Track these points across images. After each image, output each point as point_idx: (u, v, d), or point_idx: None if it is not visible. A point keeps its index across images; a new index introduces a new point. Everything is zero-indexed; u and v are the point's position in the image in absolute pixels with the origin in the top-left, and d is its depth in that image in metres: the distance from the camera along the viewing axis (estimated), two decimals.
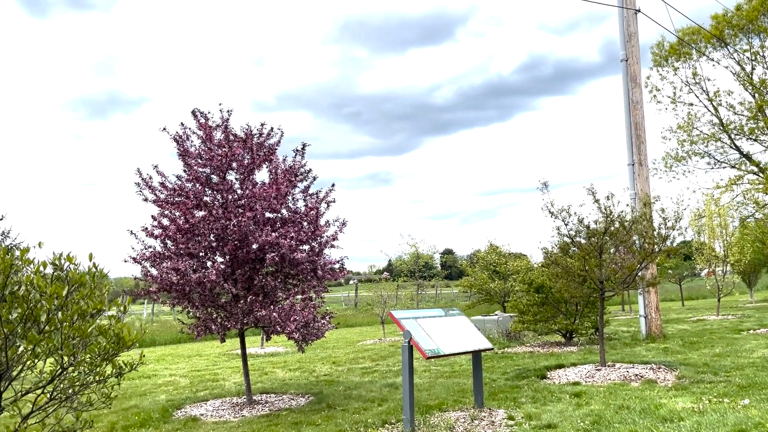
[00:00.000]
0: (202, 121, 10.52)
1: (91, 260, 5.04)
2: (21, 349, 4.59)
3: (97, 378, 4.83)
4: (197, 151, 10.45)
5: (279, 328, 9.62)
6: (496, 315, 20.09)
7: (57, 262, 4.73)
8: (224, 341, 10.63)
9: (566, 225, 11.48)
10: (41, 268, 4.64)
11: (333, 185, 11.05)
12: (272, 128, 10.88)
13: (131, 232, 10.18)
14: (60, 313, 4.51)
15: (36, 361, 4.53)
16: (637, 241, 11.40)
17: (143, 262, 10.08)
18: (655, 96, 35.37)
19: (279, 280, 10.22)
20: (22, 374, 4.59)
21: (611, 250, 11.52)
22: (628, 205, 12.06)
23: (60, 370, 4.60)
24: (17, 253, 4.46)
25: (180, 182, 10.38)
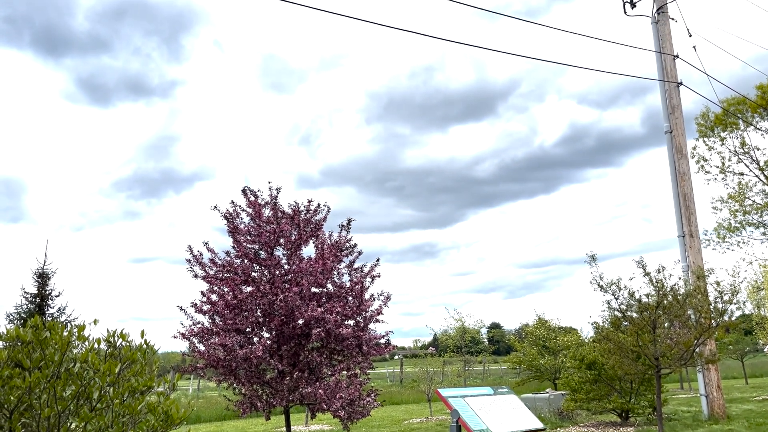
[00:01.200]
0: (252, 198, 10.85)
1: (142, 337, 5.15)
2: (73, 426, 4.66)
3: None
4: (246, 228, 10.73)
5: (324, 406, 9.51)
6: (547, 393, 19.38)
7: (111, 339, 4.86)
8: (269, 419, 10.54)
9: (617, 299, 11.18)
10: (96, 345, 4.77)
11: (378, 260, 11.14)
12: (319, 204, 11.14)
13: (181, 308, 10.38)
14: (111, 390, 4.60)
15: None
16: (692, 316, 10.99)
17: (192, 337, 10.22)
18: (702, 166, 34.82)
19: (324, 356, 10.18)
20: None
21: (665, 325, 11.12)
22: (680, 278, 11.72)
23: None
24: (74, 330, 4.61)
25: (229, 258, 10.63)
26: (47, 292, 16.59)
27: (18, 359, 4.41)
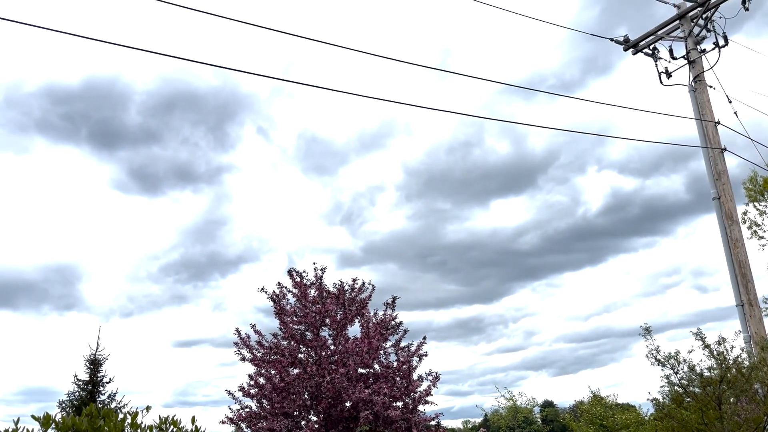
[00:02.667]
0: (298, 279, 10.96)
1: (193, 423, 5.16)
2: None
3: None
4: (293, 309, 10.79)
5: None
6: None
7: (162, 427, 4.88)
8: None
9: (676, 373, 10.68)
10: None
11: (424, 338, 11.00)
12: (363, 283, 11.18)
13: (229, 392, 10.35)
14: None
15: None
16: (759, 390, 10.39)
17: (240, 422, 10.12)
18: (755, 232, 33.74)
19: None
20: None
21: (731, 400, 10.52)
22: (743, 349, 11.18)
23: None
24: (127, 417, 4.65)
25: (276, 340, 10.64)
26: (99, 379, 16.79)
27: None
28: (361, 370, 10.36)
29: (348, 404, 9.81)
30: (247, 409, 10.22)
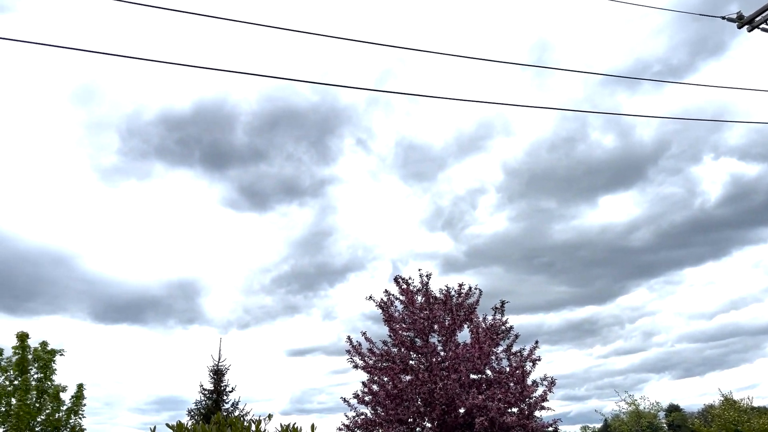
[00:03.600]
0: (404, 286, 11.02)
1: (312, 430, 5.30)
2: None
3: None
4: (401, 316, 10.86)
5: None
6: None
7: None
8: None
9: None
10: None
11: (536, 342, 10.72)
12: (470, 287, 11.07)
13: (344, 400, 10.57)
14: None
15: None
16: None
17: (356, 429, 10.29)
18: None
19: None
20: None
21: None
22: None
23: None
24: (252, 425, 4.86)
25: (386, 347, 10.75)
26: (222, 388, 17.65)
27: None
28: (473, 376, 10.25)
29: (462, 411, 9.73)
30: (363, 416, 10.38)
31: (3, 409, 15.10)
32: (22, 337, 15.96)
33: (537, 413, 10.14)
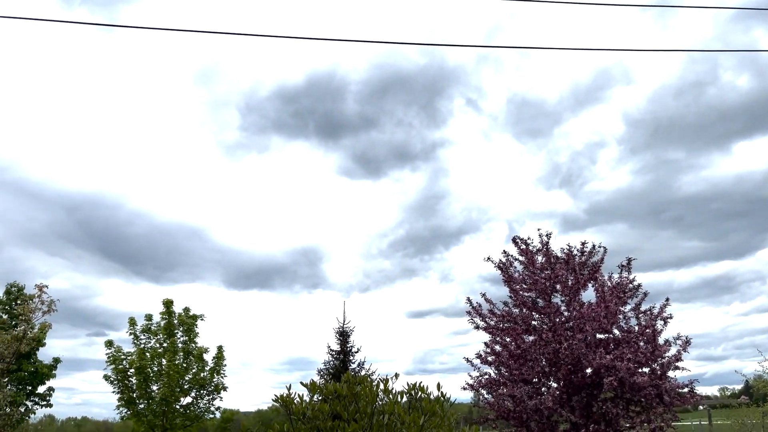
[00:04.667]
0: (523, 247, 10.84)
1: (439, 389, 5.42)
2: None
3: None
4: (521, 277, 10.71)
5: None
6: None
7: (411, 392, 5.20)
8: None
9: None
10: (398, 398, 5.14)
11: (667, 299, 10.21)
12: (594, 246, 10.69)
13: (467, 360, 10.66)
14: None
15: None
16: None
17: (480, 389, 10.38)
18: None
19: (621, 407, 9.50)
20: None
21: None
22: None
23: None
24: (380, 384, 5.04)
25: (507, 308, 10.68)
26: (348, 349, 18.39)
27: (337, 411, 4.97)
28: (599, 336, 9.97)
29: (589, 371, 9.51)
30: (486, 376, 10.43)
31: (156, 369, 16.67)
32: (168, 303, 17.44)
33: (670, 374, 9.71)
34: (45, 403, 18.56)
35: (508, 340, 10.30)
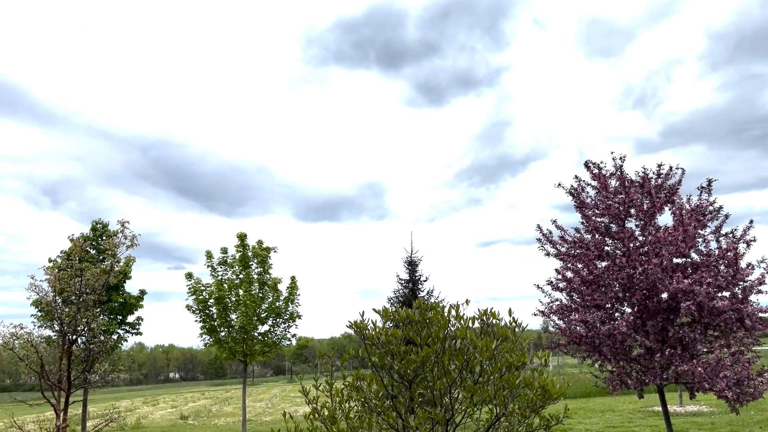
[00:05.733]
0: (596, 171, 10.48)
1: (510, 315, 5.40)
2: (459, 396, 5.13)
3: (526, 429, 5.05)
4: (593, 202, 10.42)
5: (707, 385, 8.68)
6: None
7: (483, 318, 5.21)
8: (642, 397, 10.06)
9: None
10: (470, 324, 5.16)
11: (751, 222, 9.71)
12: (670, 167, 10.21)
13: (538, 286, 10.59)
14: (490, 364, 4.92)
15: (474, 409, 4.99)
16: None
17: (551, 315, 10.35)
18: None
19: (698, 332, 9.27)
20: (464, 421, 5.10)
21: None
22: None
23: (494, 419, 4.96)
24: (452, 310, 5.06)
25: (579, 234, 10.46)
26: (417, 278, 18.65)
27: (410, 337, 5.04)
28: (676, 260, 9.65)
29: (665, 295, 9.28)
30: (557, 302, 10.36)
31: (234, 299, 17.45)
32: (242, 236, 18.05)
33: (753, 298, 9.35)
34: (135, 331, 19.88)
35: (579, 266, 10.13)
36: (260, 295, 17.62)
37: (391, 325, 5.32)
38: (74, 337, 9.69)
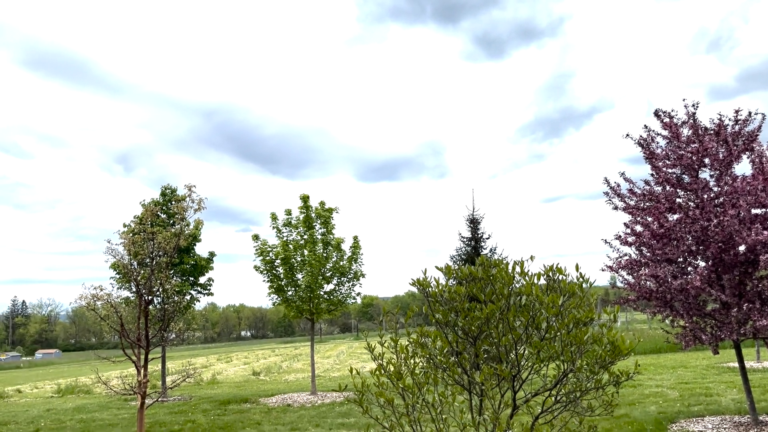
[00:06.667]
0: (667, 120, 9.99)
1: (577, 270, 5.26)
2: (525, 353, 5.08)
3: (595, 385, 4.97)
4: (664, 152, 9.97)
5: None
6: None
7: (549, 274, 5.10)
8: (717, 353, 9.74)
9: None
10: (534, 280, 5.06)
11: None
12: (749, 113, 9.62)
13: (605, 241, 10.31)
14: (556, 321, 4.83)
15: (541, 365, 4.93)
16: None
17: (619, 270, 10.07)
18: None
19: None
20: (530, 377, 5.06)
21: None
22: None
23: (562, 375, 4.90)
24: (516, 266, 4.98)
25: (648, 187, 10.07)
26: (479, 236, 18.51)
27: (474, 294, 5.00)
28: (755, 211, 9.17)
29: (742, 248, 8.86)
30: (627, 257, 10.07)
31: (299, 259, 17.81)
32: (305, 198, 18.30)
33: None
34: (207, 292, 20.65)
35: (649, 219, 9.77)
36: (324, 254, 17.91)
37: (454, 282, 5.29)
38: (150, 297, 10.13)
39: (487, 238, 18.87)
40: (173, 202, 18.48)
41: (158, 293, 10.92)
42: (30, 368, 73.36)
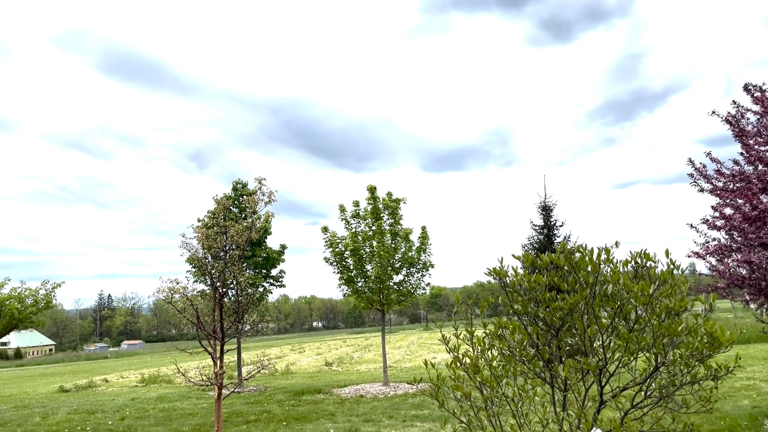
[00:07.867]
0: (757, 94, 9.29)
1: (667, 256, 4.89)
2: (612, 345, 4.76)
3: (690, 379, 4.61)
4: (755, 129, 9.27)
5: None
6: None
7: (637, 261, 4.75)
8: None
9: None
10: (621, 267, 4.73)
11: None
12: None
13: (691, 226, 9.71)
14: (646, 310, 4.49)
15: (630, 357, 4.61)
16: None
17: (707, 256, 9.47)
18: None
19: None
20: (618, 371, 4.74)
21: None
22: None
23: (653, 369, 4.56)
24: (602, 253, 4.67)
25: (738, 167, 9.41)
26: (552, 223, 17.94)
27: (555, 283, 4.72)
28: None
29: None
30: (715, 242, 9.45)
31: (368, 249, 17.79)
32: (372, 189, 18.25)
33: None
34: (279, 284, 20.99)
35: (740, 201, 9.13)
36: (393, 245, 17.82)
37: (530, 271, 5.03)
38: (224, 290, 10.28)
39: (561, 226, 18.25)
40: (244, 196, 18.83)
41: (232, 286, 11.09)
42: (116, 358, 77.27)
